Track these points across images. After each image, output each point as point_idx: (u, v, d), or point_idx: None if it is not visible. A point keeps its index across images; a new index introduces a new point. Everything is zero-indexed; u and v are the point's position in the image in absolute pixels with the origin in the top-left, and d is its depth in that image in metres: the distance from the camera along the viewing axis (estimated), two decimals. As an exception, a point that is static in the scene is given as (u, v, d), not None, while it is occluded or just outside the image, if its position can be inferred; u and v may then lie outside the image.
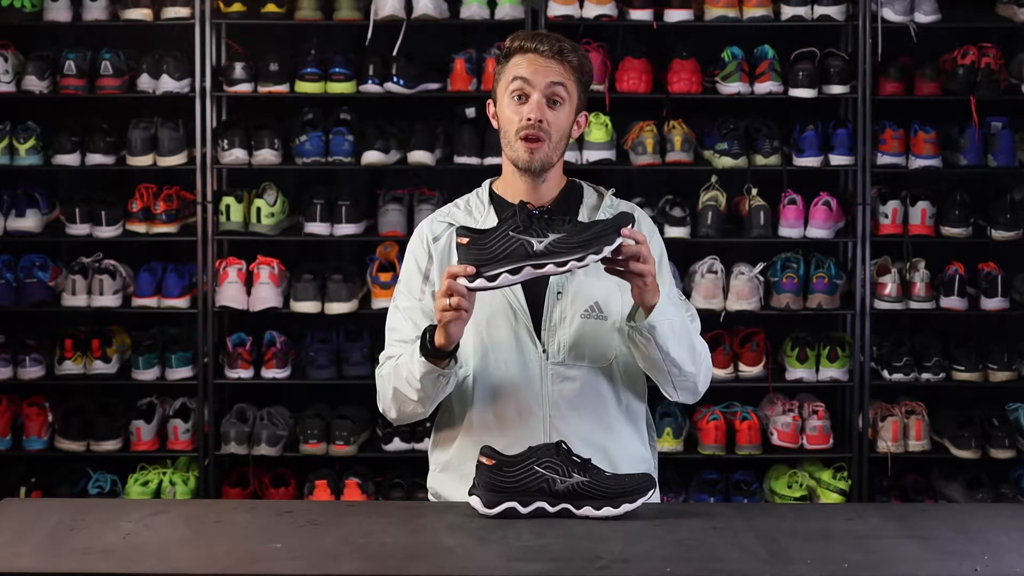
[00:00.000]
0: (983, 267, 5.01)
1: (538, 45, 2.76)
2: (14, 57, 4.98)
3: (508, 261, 2.56)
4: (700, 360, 2.79)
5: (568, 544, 2.45)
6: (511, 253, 2.56)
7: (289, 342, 5.02)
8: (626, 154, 4.97)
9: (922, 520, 2.65)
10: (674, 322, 2.70)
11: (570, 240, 2.56)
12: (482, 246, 2.57)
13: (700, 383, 2.82)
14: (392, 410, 2.83)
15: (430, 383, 2.71)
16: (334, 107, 5.03)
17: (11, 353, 4.95)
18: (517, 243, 2.56)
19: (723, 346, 4.93)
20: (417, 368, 2.70)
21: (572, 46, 2.79)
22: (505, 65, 2.80)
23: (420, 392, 2.73)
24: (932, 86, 4.96)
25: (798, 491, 4.87)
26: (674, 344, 2.70)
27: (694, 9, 4.93)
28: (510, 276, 2.56)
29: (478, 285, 2.57)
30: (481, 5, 4.90)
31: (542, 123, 2.74)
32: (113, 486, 4.93)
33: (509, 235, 2.56)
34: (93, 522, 2.59)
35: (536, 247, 2.55)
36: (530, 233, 2.56)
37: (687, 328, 2.75)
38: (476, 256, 2.57)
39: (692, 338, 2.76)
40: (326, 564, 2.37)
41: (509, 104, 2.77)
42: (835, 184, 5.10)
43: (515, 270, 2.56)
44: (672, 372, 2.74)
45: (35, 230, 4.98)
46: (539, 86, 2.75)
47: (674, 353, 2.71)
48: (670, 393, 2.81)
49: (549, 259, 2.55)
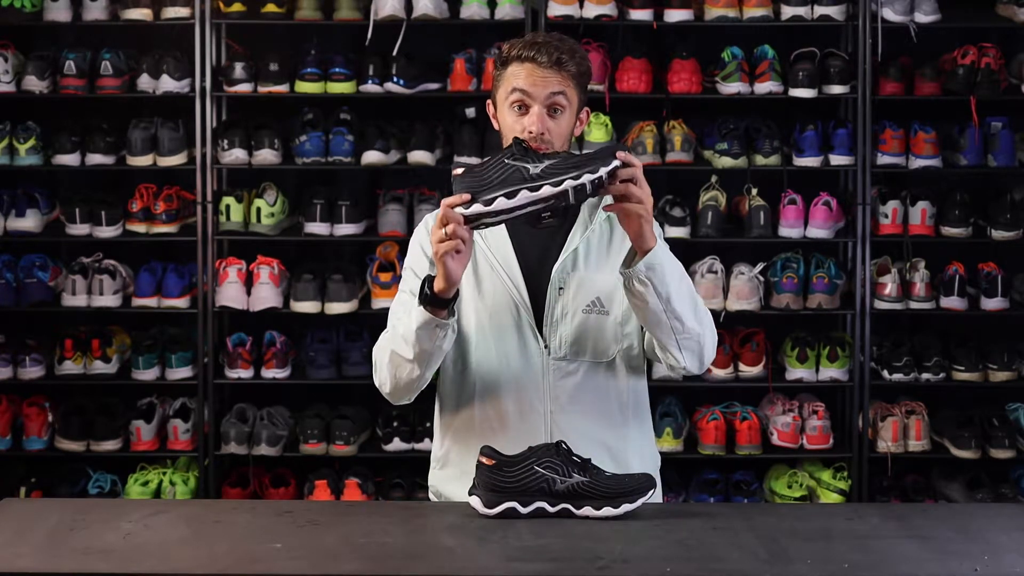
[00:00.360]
0: (983, 267, 5.01)
1: (536, 55, 2.74)
2: (14, 57, 4.98)
3: (504, 185, 2.55)
4: (703, 317, 2.72)
5: (568, 544, 2.45)
6: (507, 178, 2.55)
7: (289, 342, 5.02)
8: (626, 154, 4.96)
9: (922, 520, 2.65)
10: (675, 268, 2.66)
11: (565, 163, 2.56)
12: (477, 174, 2.57)
13: (706, 346, 2.74)
14: (388, 381, 2.79)
15: (427, 336, 2.67)
16: (334, 107, 5.03)
17: (11, 353, 4.95)
18: (513, 169, 2.56)
19: (723, 346, 4.93)
20: (415, 319, 2.67)
21: (570, 51, 2.77)
22: (503, 72, 2.78)
23: (416, 347, 2.69)
24: (932, 86, 4.96)
25: (798, 491, 4.87)
26: (675, 291, 2.65)
27: (694, 9, 4.93)
28: (506, 200, 2.54)
29: (474, 211, 2.55)
30: (481, 5, 4.90)
31: (544, 135, 2.74)
32: (113, 486, 4.94)
33: (504, 162, 2.56)
34: (93, 522, 2.59)
35: (532, 171, 2.55)
36: (526, 160, 2.57)
37: (688, 280, 2.71)
38: (471, 184, 2.56)
39: (694, 292, 2.72)
40: (326, 564, 2.37)
41: (509, 113, 2.77)
42: (835, 184, 5.10)
43: (511, 194, 2.54)
44: (675, 327, 2.67)
45: (35, 230, 4.98)
46: (539, 98, 2.74)
47: (676, 302, 2.65)
48: (677, 357, 2.72)
49: (545, 180, 2.55)
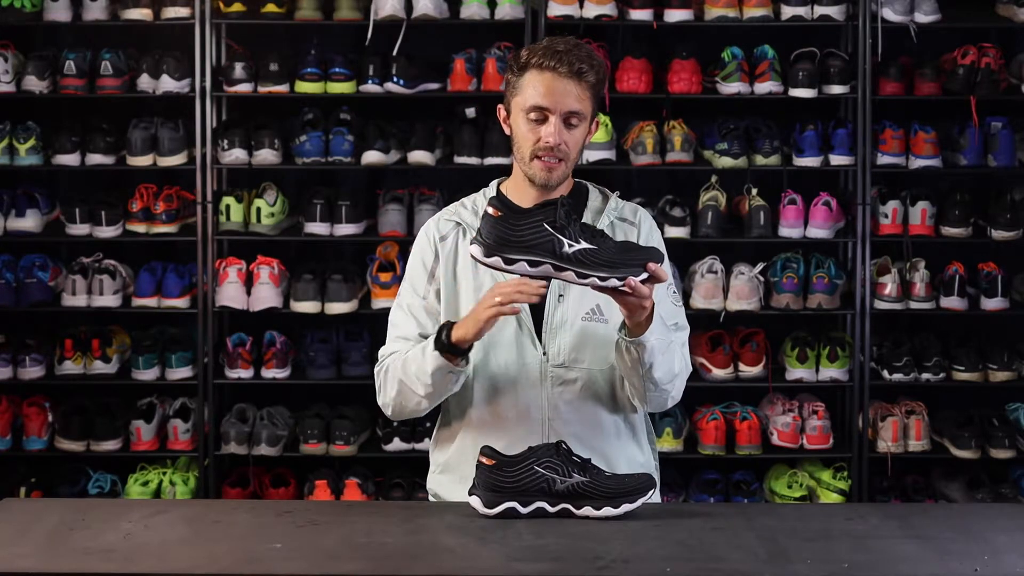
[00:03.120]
0: (983, 267, 5.01)
1: (556, 64, 2.71)
2: (14, 57, 4.97)
3: (532, 252, 2.48)
4: (676, 380, 2.79)
5: (568, 544, 2.45)
6: (538, 245, 2.48)
7: (289, 342, 5.02)
8: (626, 154, 4.97)
9: (922, 520, 2.65)
10: (662, 342, 2.69)
11: (600, 256, 2.49)
12: (512, 225, 2.47)
13: (669, 400, 2.82)
14: (393, 406, 2.82)
15: (440, 379, 2.71)
16: (334, 107, 5.03)
17: (11, 353, 4.95)
18: (548, 238, 2.47)
19: (723, 346, 4.93)
20: (430, 363, 2.69)
21: (588, 60, 2.74)
22: (520, 79, 2.75)
23: (428, 388, 2.72)
24: (932, 86, 4.96)
25: (798, 491, 4.87)
26: (658, 363, 2.70)
27: (694, 9, 4.92)
28: (527, 267, 2.49)
29: (493, 263, 2.50)
30: (481, 5, 4.89)
31: (560, 146, 2.73)
32: (113, 486, 4.93)
33: (543, 226, 2.48)
34: (93, 522, 2.59)
35: (565, 249, 2.48)
36: (564, 233, 2.48)
37: (673, 349, 2.75)
38: (501, 233, 2.48)
39: (674, 358, 2.75)
40: (326, 564, 2.37)
41: (525, 122, 2.75)
42: (835, 184, 5.10)
43: (535, 263, 2.48)
44: (648, 387, 2.74)
45: (35, 230, 4.98)
46: (557, 111, 2.72)
47: (655, 371, 2.71)
48: (638, 404, 2.81)
49: (573, 266, 2.48)
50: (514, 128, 2.79)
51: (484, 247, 2.50)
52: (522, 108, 2.75)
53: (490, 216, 2.49)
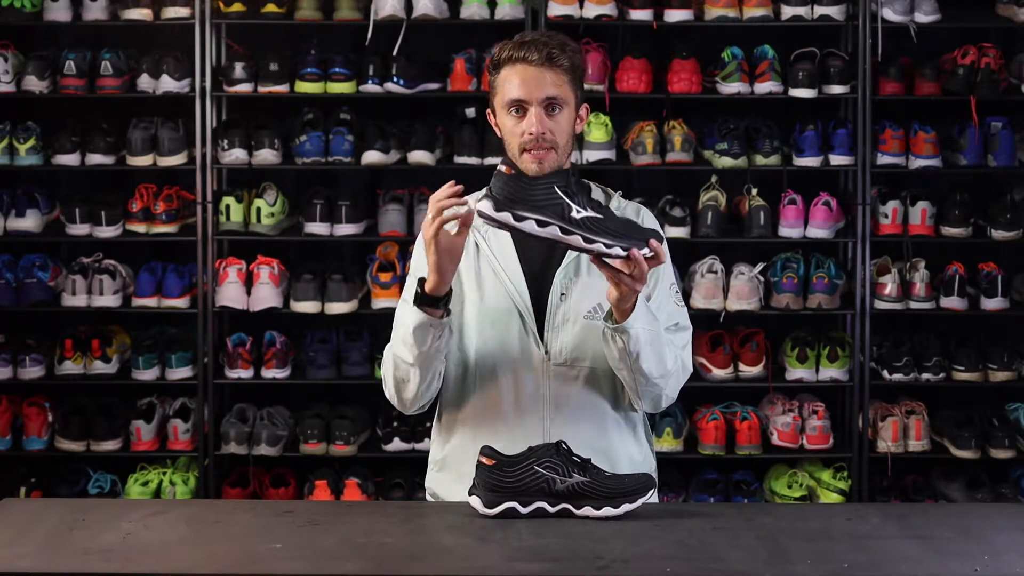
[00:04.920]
0: (983, 267, 5.01)
1: (526, 54, 2.73)
2: (14, 57, 4.98)
3: (541, 212, 2.50)
4: (670, 378, 2.76)
5: (568, 544, 2.45)
6: (548, 206, 2.50)
7: (289, 342, 5.02)
8: (626, 154, 4.97)
9: (922, 520, 2.65)
10: (648, 331, 2.68)
11: (608, 224, 2.52)
12: (523, 186, 2.50)
13: (666, 396, 2.79)
14: (395, 389, 2.80)
15: (423, 336, 2.67)
16: (334, 107, 5.03)
17: (11, 353, 4.95)
18: (558, 200, 2.50)
19: (723, 346, 4.93)
20: (411, 320, 2.67)
21: (560, 46, 2.75)
22: (496, 77, 2.77)
23: (415, 349, 2.69)
24: (932, 86, 4.96)
25: (798, 491, 4.87)
26: (645, 354, 2.68)
27: (694, 9, 4.93)
28: (535, 226, 2.50)
29: (502, 218, 2.50)
30: (481, 5, 4.90)
31: (545, 135, 2.73)
32: (113, 486, 4.94)
33: (554, 189, 2.51)
34: (93, 522, 2.59)
35: (573, 214, 2.50)
36: (574, 200, 2.51)
37: (661, 339, 2.72)
38: (513, 191, 2.50)
39: (664, 352, 2.73)
40: (326, 564, 2.37)
41: (508, 118, 2.76)
42: (835, 184, 5.10)
43: (543, 223, 2.50)
44: (639, 380, 2.72)
45: (35, 230, 4.98)
46: (535, 99, 2.73)
47: (643, 362, 2.69)
48: (634, 401, 2.80)
49: (580, 231, 2.51)
50: (501, 127, 2.80)
51: (495, 202, 2.51)
52: (503, 105, 2.76)
53: (502, 174, 2.52)
